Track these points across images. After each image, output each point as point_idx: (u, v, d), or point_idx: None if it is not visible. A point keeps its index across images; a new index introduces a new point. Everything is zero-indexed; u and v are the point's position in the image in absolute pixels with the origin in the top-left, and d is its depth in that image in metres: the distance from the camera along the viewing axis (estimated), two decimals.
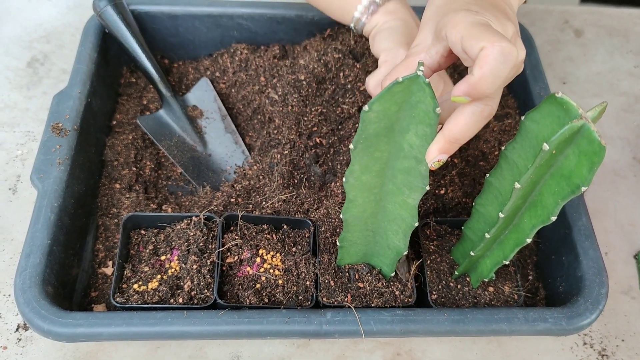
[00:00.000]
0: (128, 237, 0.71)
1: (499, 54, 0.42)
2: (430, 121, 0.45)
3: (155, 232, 0.71)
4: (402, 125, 0.47)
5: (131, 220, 0.70)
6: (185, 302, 0.64)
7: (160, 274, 0.67)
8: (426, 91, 0.44)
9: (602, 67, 1.01)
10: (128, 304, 0.64)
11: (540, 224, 0.53)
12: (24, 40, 0.96)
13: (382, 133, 0.48)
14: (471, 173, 0.77)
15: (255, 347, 0.69)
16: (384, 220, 0.58)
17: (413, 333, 0.61)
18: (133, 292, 0.65)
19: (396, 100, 0.45)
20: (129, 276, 0.67)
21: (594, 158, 0.44)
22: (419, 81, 0.43)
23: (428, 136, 0.47)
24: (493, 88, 0.43)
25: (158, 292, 0.64)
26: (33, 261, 0.62)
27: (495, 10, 0.48)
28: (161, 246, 0.69)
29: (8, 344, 0.68)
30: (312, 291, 0.65)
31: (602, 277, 0.65)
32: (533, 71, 0.83)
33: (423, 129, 0.46)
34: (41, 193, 0.67)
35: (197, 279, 0.65)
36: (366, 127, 0.47)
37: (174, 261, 0.67)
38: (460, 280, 0.68)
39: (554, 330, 0.62)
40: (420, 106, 0.45)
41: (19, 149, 0.83)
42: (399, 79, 0.43)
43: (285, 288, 0.66)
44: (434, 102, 0.44)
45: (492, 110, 0.46)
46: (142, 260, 0.69)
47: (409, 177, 0.51)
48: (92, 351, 0.68)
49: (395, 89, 0.44)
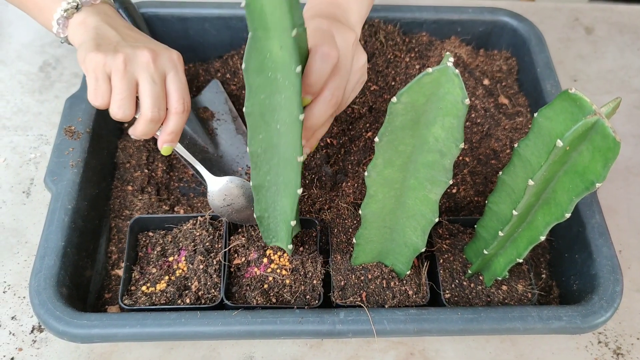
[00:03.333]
0: (136, 240, 0.71)
1: (320, 55, 0.49)
2: (458, 112, 0.45)
3: (163, 234, 0.71)
4: (429, 118, 0.47)
5: (138, 222, 0.70)
6: (193, 302, 0.64)
7: (168, 275, 0.67)
8: (455, 82, 0.43)
9: (613, 64, 1.00)
10: (136, 306, 0.64)
11: (554, 221, 0.53)
12: (36, 45, 0.97)
13: (408, 126, 0.48)
14: (483, 171, 0.77)
15: (268, 348, 0.69)
16: (403, 216, 0.58)
17: (426, 332, 0.61)
18: (141, 294, 0.65)
19: (425, 91, 0.45)
20: (137, 278, 0.67)
21: (608, 154, 0.44)
22: (448, 72, 0.43)
23: (454, 128, 0.47)
24: (319, 83, 0.50)
25: (165, 293, 0.65)
26: (47, 263, 0.62)
27: (339, 23, 0.56)
28: (169, 247, 0.70)
29: (23, 345, 0.68)
30: (320, 290, 0.65)
31: (616, 275, 0.64)
32: (544, 69, 0.83)
33: (450, 120, 0.46)
34: (55, 195, 0.67)
35: (204, 279, 0.65)
36: (393, 119, 0.47)
37: (182, 262, 0.68)
38: (474, 279, 0.67)
39: (568, 329, 0.62)
40: (448, 97, 0.45)
41: (32, 153, 0.84)
42: (429, 70, 0.43)
43: (292, 287, 0.66)
44: (463, 92, 0.44)
45: (338, 99, 0.52)
46: (150, 262, 0.69)
47: (432, 171, 0.51)
48: (106, 352, 0.68)
49: (424, 80, 0.44)
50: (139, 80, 0.60)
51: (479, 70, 0.87)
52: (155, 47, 0.63)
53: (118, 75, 0.59)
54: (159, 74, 0.61)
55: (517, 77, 0.89)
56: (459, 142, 0.47)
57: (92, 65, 0.59)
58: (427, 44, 0.88)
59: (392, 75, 0.83)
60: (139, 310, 0.64)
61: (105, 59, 0.59)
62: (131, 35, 0.64)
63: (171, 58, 0.63)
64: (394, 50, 0.86)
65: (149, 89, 0.60)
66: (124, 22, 0.67)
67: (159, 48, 0.63)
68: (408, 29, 0.89)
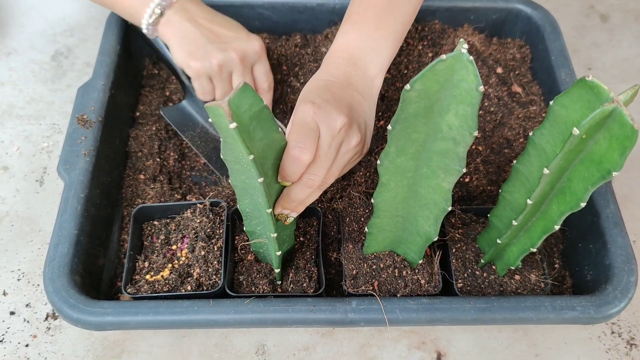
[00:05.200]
0: (141, 229, 0.71)
1: (290, 158, 0.53)
2: (472, 100, 0.45)
3: (166, 222, 0.71)
4: (442, 105, 0.46)
5: (141, 212, 0.71)
6: (194, 289, 0.64)
7: (171, 262, 0.68)
8: (470, 69, 0.43)
9: (629, 53, 0.99)
10: (139, 295, 0.64)
11: (569, 210, 0.52)
12: (48, 34, 0.97)
13: (421, 113, 0.47)
14: (496, 160, 0.76)
15: (280, 336, 0.69)
16: (415, 205, 0.58)
17: (439, 322, 0.61)
18: (144, 283, 0.66)
19: (438, 79, 0.44)
20: (142, 267, 0.68)
21: (626, 142, 0.44)
22: (462, 59, 0.43)
23: (468, 116, 0.46)
24: (294, 178, 0.55)
25: (168, 280, 0.65)
26: (61, 251, 0.63)
27: (337, 104, 0.58)
28: (172, 236, 0.70)
29: (38, 332, 0.69)
30: (322, 278, 0.66)
31: (631, 265, 0.64)
32: (558, 57, 0.82)
33: (464, 108, 0.45)
34: (68, 184, 0.68)
35: (205, 265, 0.66)
36: (406, 107, 0.47)
37: (185, 249, 0.68)
38: (486, 269, 0.67)
39: (582, 319, 0.61)
40: (462, 85, 0.44)
41: (45, 142, 0.84)
42: (442, 57, 0.43)
43: (294, 277, 0.66)
44: (477, 79, 0.43)
45: (316, 181, 0.56)
46: (154, 251, 0.70)
47: (445, 160, 0.51)
48: (119, 340, 0.69)
49: (438, 67, 0.43)
50: (232, 76, 0.74)
51: (492, 58, 0.86)
52: (238, 44, 0.73)
53: (217, 77, 0.73)
54: (247, 68, 0.75)
55: (531, 65, 0.88)
56: (473, 130, 0.47)
57: (195, 73, 0.73)
58: (439, 32, 0.87)
59: (404, 63, 0.83)
60: (152, 298, 0.64)
61: (203, 66, 0.71)
62: (213, 31, 0.73)
63: (254, 50, 0.74)
64: (407, 38, 0.85)
65: None
66: (202, 12, 0.74)
67: (242, 44, 0.73)
68: (421, 17, 0.88)
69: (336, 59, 0.64)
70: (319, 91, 0.60)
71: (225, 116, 0.43)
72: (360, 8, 0.67)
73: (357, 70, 0.64)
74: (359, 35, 0.65)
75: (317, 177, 0.56)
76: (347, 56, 0.64)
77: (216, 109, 0.43)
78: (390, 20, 0.67)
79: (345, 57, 0.64)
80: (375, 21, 0.66)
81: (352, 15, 0.67)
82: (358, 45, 0.65)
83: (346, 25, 0.67)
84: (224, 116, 0.43)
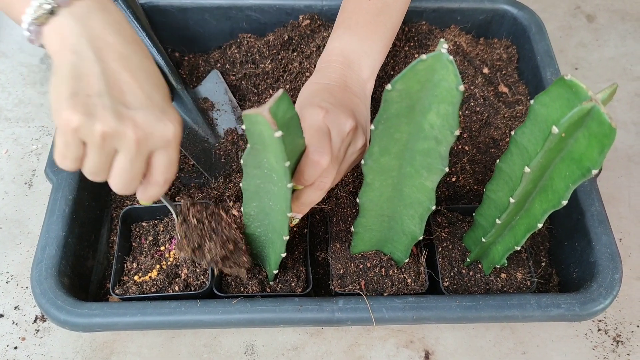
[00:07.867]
0: (129, 231, 0.72)
1: (311, 162, 0.53)
2: (452, 99, 0.45)
3: (154, 224, 0.72)
4: (424, 105, 0.47)
5: (130, 213, 0.71)
6: (182, 290, 0.65)
7: (159, 263, 0.68)
8: (449, 69, 0.43)
9: (615, 52, 1.00)
10: (127, 296, 0.64)
11: (551, 208, 0.53)
12: None
13: (403, 113, 0.48)
14: (482, 160, 0.77)
15: (269, 336, 0.70)
16: (400, 204, 0.58)
17: (425, 320, 0.61)
18: (132, 284, 0.66)
19: (419, 78, 0.45)
20: (130, 268, 0.68)
21: (604, 140, 0.44)
22: (442, 59, 0.43)
23: (449, 115, 0.46)
24: (310, 182, 0.54)
25: (156, 281, 0.65)
26: (49, 253, 0.63)
27: (342, 108, 0.58)
28: (160, 237, 0.70)
29: (26, 335, 0.69)
30: (309, 278, 0.66)
31: (615, 263, 0.64)
32: (544, 57, 0.82)
33: (445, 107, 0.46)
34: (56, 186, 0.68)
35: (193, 266, 0.66)
36: (388, 107, 0.47)
37: (173, 250, 0.68)
38: (473, 267, 0.68)
39: (567, 316, 0.62)
40: (443, 84, 0.44)
41: (34, 144, 0.85)
42: (423, 57, 0.43)
43: (282, 276, 0.67)
44: (457, 79, 0.43)
45: (327, 184, 0.56)
46: (142, 252, 0.70)
47: (428, 159, 0.51)
48: (109, 341, 0.69)
49: (418, 67, 0.44)
50: (116, 156, 0.49)
51: (479, 58, 0.86)
52: (145, 119, 0.48)
53: (93, 149, 0.48)
54: (141, 157, 0.49)
55: (517, 65, 0.89)
56: (454, 129, 0.47)
57: (63, 127, 0.47)
58: (426, 32, 0.87)
59: (391, 64, 0.83)
60: (140, 299, 0.64)
61: (79, 125, 0.46)
62: (120, 80, 0.48)
63: (163, 137, 0.49)
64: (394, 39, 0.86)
65: (122, 170, 0.50)
66: (119, 39, 0.50)
67: (149, 122, 0.49)
68: (408, 18, 0.88)
69: (332, 63, 0.65)
70: (321, 95, 0.60)
71: (268, 124, 0.43)
72: (353, 14, 0.68)
73: (352, 73, 0.65)
74: (353, 39, 0.66)
75: (328, 180, 0.56)
76: (343, 60, 0.65)
77: (256, 116, 0.43)
78: (381, 26, 0.68)
79: (340, 61, 0.65)
80: (368, 27, 0.67)
81: (345, 20, 0.68)
82: (352, 49, 0.66)
83: (339, 30, 0.68)
84: (266, 124, 0.43)
